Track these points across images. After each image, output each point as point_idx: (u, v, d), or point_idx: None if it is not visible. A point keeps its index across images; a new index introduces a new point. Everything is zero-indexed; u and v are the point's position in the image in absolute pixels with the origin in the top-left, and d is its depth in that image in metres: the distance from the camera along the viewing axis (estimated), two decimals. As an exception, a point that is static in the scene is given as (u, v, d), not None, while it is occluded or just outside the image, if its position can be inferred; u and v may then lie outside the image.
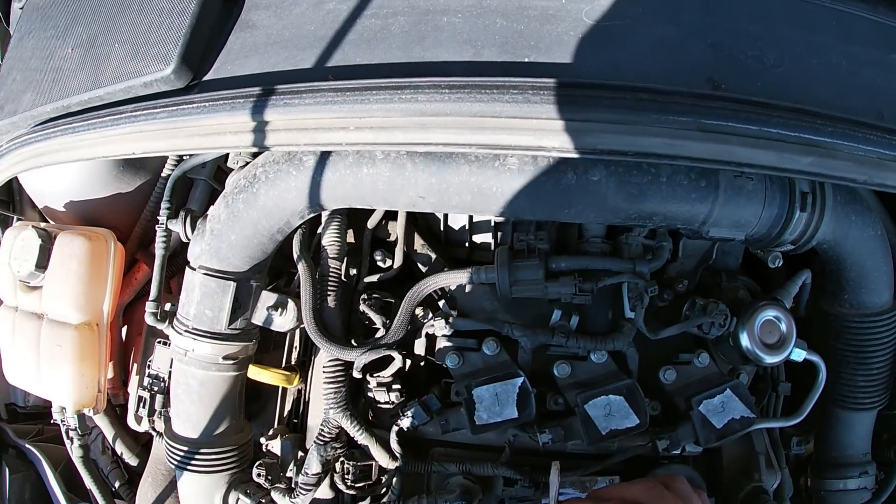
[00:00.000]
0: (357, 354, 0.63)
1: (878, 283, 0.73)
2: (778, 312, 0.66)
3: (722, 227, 0.60)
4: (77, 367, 0.82)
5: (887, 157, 0.53)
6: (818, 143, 0.51)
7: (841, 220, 0.65)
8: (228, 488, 0.72)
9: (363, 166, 0.60)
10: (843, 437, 0.82)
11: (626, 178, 0.56)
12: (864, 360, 0.76)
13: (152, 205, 0.90)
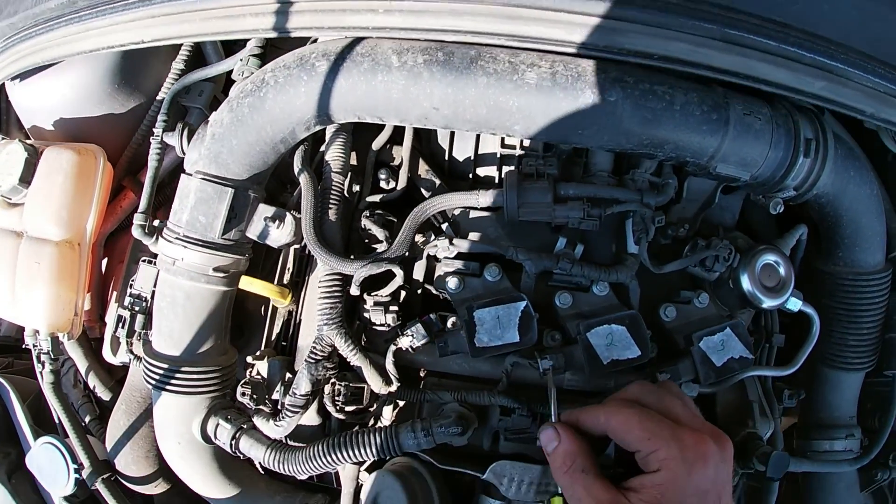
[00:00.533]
0: (357, 267, 0.60)
1: (871, 243, 0.73)
2: (777, 257, 0.66)
3: (729, 163, 0.59)
4: (54, 287, 0.77)
5: (893, 91, 0.53)
6: (831, 67, 0.52)
7: (840, 174, 0.65)
8: (208, 413, 0.67)
9: (378, 73, 0.58)
10: (830, 397, 0.82)
11: (642, 102, 0.55)
12: (856, 319, 0.77)
13: (144, 129, 0.86)
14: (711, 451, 0.47)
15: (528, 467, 0.59)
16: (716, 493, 0.48)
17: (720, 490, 0.48)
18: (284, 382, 0.64)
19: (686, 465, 0.46)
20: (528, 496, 0.60)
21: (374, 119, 0.62)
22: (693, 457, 0.47)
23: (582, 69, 0.55)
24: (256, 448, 0.64)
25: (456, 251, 0.65)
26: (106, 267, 0.93)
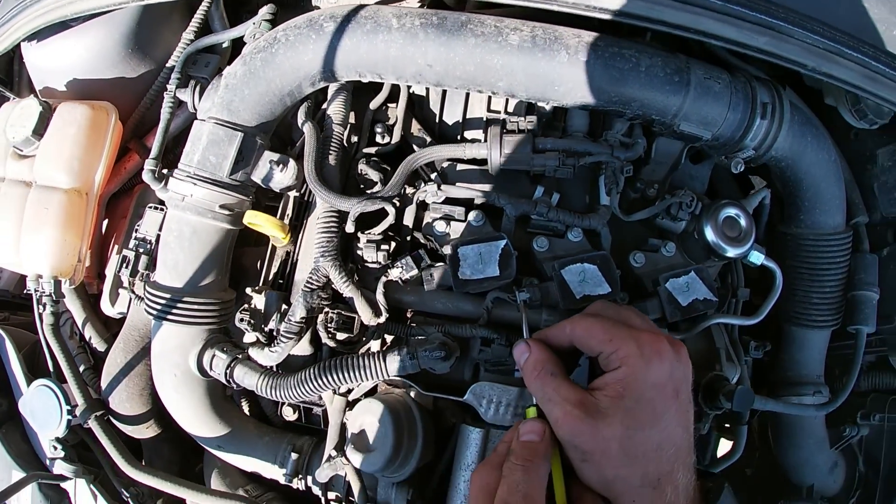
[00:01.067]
0: (353, 203, 0.68)
1: (831, 205, 0.83)
2: (738, 210, 0.75)
3: (691, 121, 0.70)
4: (61, 232, 0.84)
5: (832, 48, 0.64)
6: (773, 25, 0.62)
7: (797, 138, 0.75)
8: (205, 345, 0.74)
9: (379, 33, 0.67)
10: (798, 355, 0.91)
11: (611, 62, 0.65)
12: (818, 278, 0.85)
13: (153, 93, 0.95)
14: (666, 349, 0.54)
15: (505, 388, 0.67)
16: (673, 386, 0.54)
17: (677, 385, 0.55)
18: (280, 312, 0.71)
19: (644, 361, 0.53)
20: (505, 418, 0.67)
21: (373, 77, 0.72)
22: (650, 353, 0.54)
23: (559, 33, 0.66)
24: (250, 376, 0.71)
25: (444, 196, 0.74)
26: (106, 228, 0.99)
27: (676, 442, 0.54)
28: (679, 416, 0.55)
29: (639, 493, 0.53)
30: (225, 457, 0.82)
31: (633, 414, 0.53)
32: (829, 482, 0.98)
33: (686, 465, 0.55)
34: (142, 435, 0.86)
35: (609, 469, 0.54)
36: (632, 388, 0.53)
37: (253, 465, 0.82)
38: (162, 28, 0.91)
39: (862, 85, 0.70)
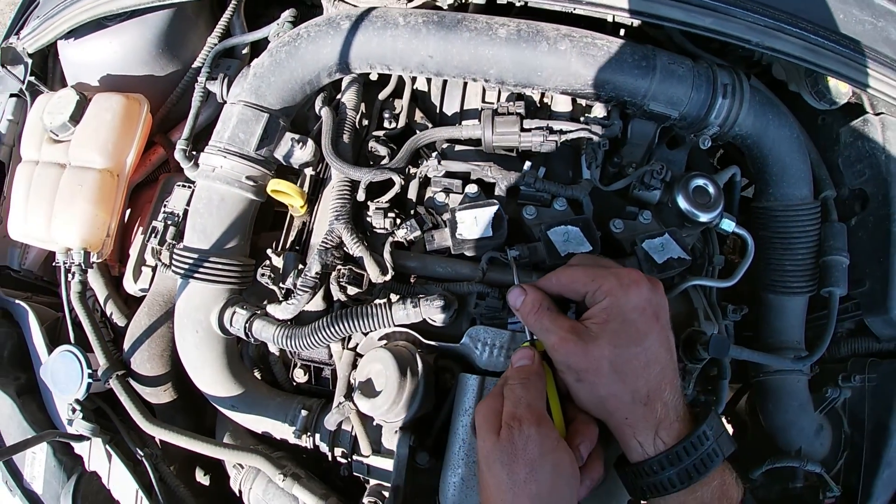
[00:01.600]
0: (364, 172, 0.81)
1: (797, 178, 0.94)
2: (706, 180, 0.87)
3: (659, 101, 0.83)
4: (93, 207, 0.96)
5: (772, 24, 0.79)
6: (716, 7, 0.77)
7: (759, 116, 0.88)
8: (227, 303, 0.85)
9: (388, 29, 0.82)
10: (776, 322, 1.00)
11: (585, 50, 0.80)
12: (790, 246, 0.96)
13: (179, 91, 1.09)
14: (641, 278, 0.64)
15: (499, 332, 0.77)
16: (652, 310, 0.63)
17: (656, 309, 0.64)
18: (297, 270, 0.82)
19: (623, 289, 0.63)
20: (499, 361, 0.77)
21: (382, 68, 0.86)
22: (628, 282, 0.63)
23: (540, 27, 0.80)
24: (268, 329, 0.81)
25: (443, 171, 0.87)
26: (129, 215, 1.11)
27: (662, 361, 0.63)
28: (661, 337, 0.63)
29: (630, 409, 0.61)
30: (237, 417, 0.91)
31: (620, 334, 0.62)
32: (816, 445, 1.06)
33: (673, 384, 0.63)
34: (158, 399, 0.95)
35: (601, 387, 0.62)
36: (616, 313, 0.62)
37: (264, 426, 0.90)
38: (189, 32, 1.06)
39: (804, 56, 0.84)
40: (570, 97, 0.89)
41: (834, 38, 0.87)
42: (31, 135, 1.04)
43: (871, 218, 0.99)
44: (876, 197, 0.98)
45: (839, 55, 0.86)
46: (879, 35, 0.94)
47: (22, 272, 1.14)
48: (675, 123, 0.88)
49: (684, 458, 0.61)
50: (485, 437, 0.63)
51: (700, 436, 0.61)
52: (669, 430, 0.62)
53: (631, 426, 0.63)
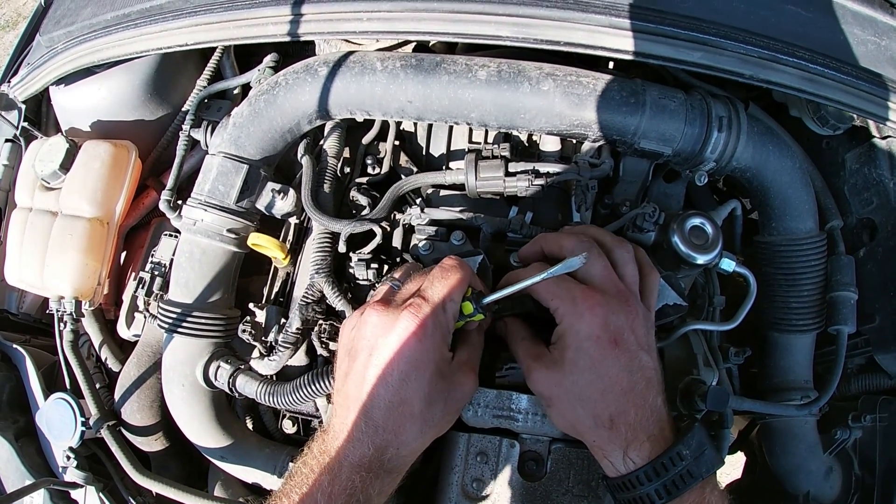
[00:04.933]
0: (344, 225, 0.81)
1: (801, 211, 0.90)
2: (703, 219, 0.83)
3: (651, 139, 0.80)
4: (83, 256, 0.98)
5: (766, 55, 0.76)
6: (705, 40, 0.74)
7: (758, 148, 0.84)
8: (211, 357, 0.86)
9: (366, 75, 0.81)
10: (782, 361, 0.96)
11: (570, 89, 0.78)
12: (795, 282, 0.92)
13: (169, 135, 1.10)
14: (598, 302, 0.63)
15: (483, 391, 0.75)
16: (608, 336, 0.63)
17: (615, 335, 0.63)
18: (279, 325, 0.83)
19: (577, 316, 0.63)
20: (483, 419, 0.75)
21: (362, 114, 0.86)
22: (582, 309, 0.63)
23: (522, 67, 0.79)
24: (251, 385, 0.82)
25: (427, 218, 0.86)
26: (124, 259, 1.14)
27: (622, 385, 0.63)
28: (620, 362, 0.63)
29: (596, 433, 0.64)
30: (227, 468, 0.92)
31: (575, 363, 0.63)
32: (826, 488, 1.02)
33: (638, 404, 0.63)
34: (150, 447, 0.97)
35: (566, 412, 0.65)
36: (571, 340, 0.64)
37: (253, 476, 0.91)
38: (178, 75, 1.07)
39: (803, 87, 0.80)
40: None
41: (834, 65, 0.82)
42: (24, 182, 1.07)
43: (880, 249, 0.94)
44: (885, 227, 0.93)
45: (841, 83, 0.82)
46: (883, 55, 0.90)
47: (20, 315, 1.18)
48: (670, 160, 0.86)
49: (654, 478, 0.60)
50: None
51: (673, 456, 0.61)
52: (639, 450, 0.62)
53: (600, 447, 0.64)
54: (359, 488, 0.60)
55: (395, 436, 0.62)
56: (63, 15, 1.04)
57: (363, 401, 0.62)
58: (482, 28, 0.72)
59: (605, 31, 0.73)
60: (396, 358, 0.61)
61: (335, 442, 0.62)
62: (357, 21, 0.75)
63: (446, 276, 0.66)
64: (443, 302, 0.64)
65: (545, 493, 0.76)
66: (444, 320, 0.64)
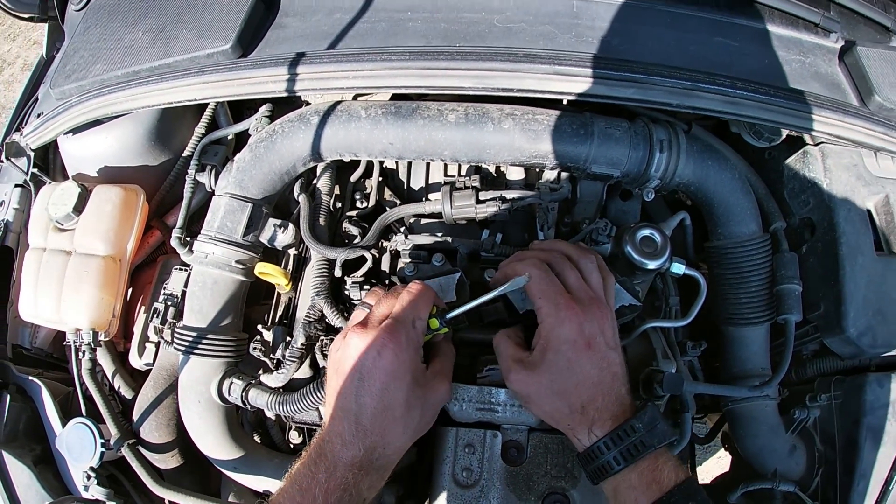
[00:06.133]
0: (339, 252, 1.00)
1: (743, 216, 1.08)
2: (652, 230, 1.01)
3: (600, 164, 1.01)
4: (98, 291, 1.15)
5: (690, 86, 0.97)
6: (636, 78, 0.96)
7: (699, 164, 1.03)
8: (224, 375, 1.04)
9: (352, 122, 1.02)
10: (739, 352, 1.14)
11: (527, 126, 0.99)
12: (743, 280, 1.10)
13: (171, 178, 1.29)
14: (575, 311, 0.79)
15: (466, 388, 0.93)
16: (584, 340, 0.78)
17: (588, 339, 0.78)
18: (285, 342, 1.01)
19: (558, 321, 0.79)
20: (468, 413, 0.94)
21: (350, 155, 1.06)
22: (563, 315, 0.79)
23: (486, 110, 1.00)
24: (262, 397, 1.00)
25: (411, 244, 1.06)
26: (131, 295, 1.31)
27: (593, 379, 0.79)
28: (592, 361, 0.79)
29: (570, 418, 0.80)
30: (239, 478, 1.09)
31: (553, 364, 0.79)
32: (791, 465, 1.18)
33: (605, 393, 0.79)
34: (167, 464, 1.13)
35: (544, 405, 0.81)
36: (552, 343, 0.80)
37: (264, 485, 1.08)
38: (178, 124, 1.27)
39: (725, 110, 1.00)
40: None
41: (753, 87, 1.02)
42: (37, 224, 1.25)
43: (819, 244, 1.12)
44: (822, 224, 1.11)
45: (760, 103, 1.01)
46: (808, 71, 1.13)
47: (33, 350, 1.34)
48: (620, 180, 1.07)
49: (612, 447, 0.76)
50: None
51: (626, 428, 0.77)
52: (602, 426, 0.78)
53: (571, 429, 0.81)
54: (351, 484, 0.74)
55: (382, 437, 0.77)
56: (73, 70, 1.22)
57: (353, 410, 0.77)
58: (448, 81, 0.93)
59: (550, 78, 0.94)
60: (378, 371, 0.77)
61: (330, 445, 0.76)
62: (345, 79, 0.95)
63: (413, 297, 0.84)
64: (412, 320, 0.82)
65: (527, 475, 0.94)
66: (414, 336, 0.81)
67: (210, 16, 1.06)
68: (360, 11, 1.01)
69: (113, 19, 1.20)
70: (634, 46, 1.01)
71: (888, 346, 1.08)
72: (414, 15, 1.00)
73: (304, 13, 1.05)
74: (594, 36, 1.00)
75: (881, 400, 1.14)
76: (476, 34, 0.98)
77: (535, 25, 0.99)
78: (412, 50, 0.95)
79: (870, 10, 1.21)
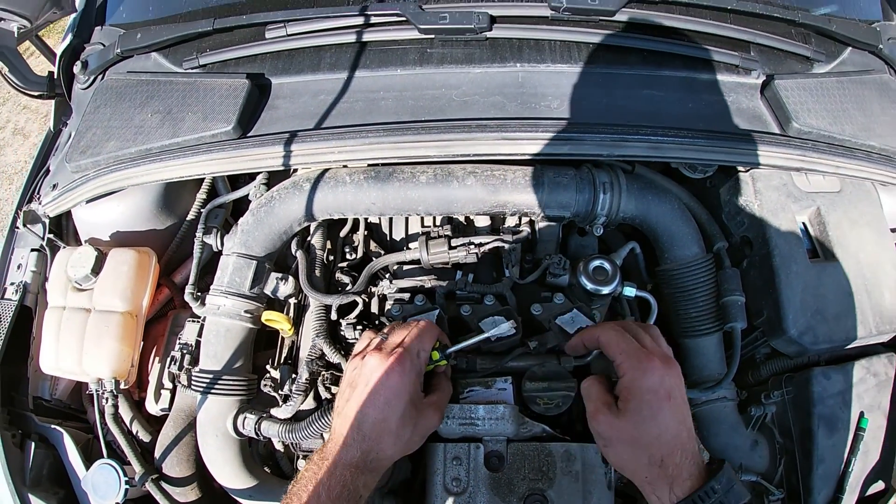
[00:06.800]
0: (334, 298, 1.22)
1: (685, 241, 1.26)
2: (602, 260, 1.25)
3: (552, 208, 1.24)
4: (118, 343, 1.35)
5: (617, 138, 1.17)
6: (570, 137, 1.19)
7: (640, 200, 1.22)
8: (238, 411, 1.24)
9: (339, 187, 1.25)
10: (695, 361, 1.29)
11: (487, 181, 1.22)
12: (691, 297, 1.27)
13: (178, 240, 1.51)
14: (655, 364, 0.86)
15: (449, 406, 1.16)
16: (665, 391, 0.84)
17: (669, 389, 0.85)
18: (291, 379, 1.22)
19: (640, 372, 0.85)
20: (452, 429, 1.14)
21: (339, 215, 1.29)
22: (644, 367, 0.85)
23: (451, 169, 1.23)
24: (273, 427, 1.20)
25: (395, 287, 1.28)
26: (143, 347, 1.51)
27: (672, 431, 0.84)
28: (672, 412, 0.84)
29: (648, 470, 0.84)
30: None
31: (636, 412, 0.84)
32: (755, 458, 1.31)
33: (684, 448, 0.84)
34: (187, 497, 1.32)
35: (623, 452, 0.86)
36: (635, 393, 0.86)
37: (276, 510, 1.27)
38: (182, 191, 1.49)
39: (649, 154, 1.18)
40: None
41: (673, 132, 1.20)
42: (56, 284, 1.44)
43: (756, 257, 1.28)
44: (757, 240, 1.28)
45: (680, 144, 1.19)
46: (730, 108, 1.28)
47: (53, 402, 1.52)
48: (572, 219, 1.31)
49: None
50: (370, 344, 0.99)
51: (707, 490, 0.80)
52: (682, 486, 0.82)
53: (650, 484, 0.85)
54: (349, 481, 0.87)
55: (377, 444, 0.89)
56: (88, 146, 1.41)
57: (356, 416, 0.90)
58: (416, 151, 1.17)
59: (499, 143, 1.18)
60: (384, 388, 0.91)
61: (333, 448, 0.89)
62: (331, 153, 1.19)
63: (420, 332, 0.98)
64: (417, 350, 0.97)
65: (508, 480, 1.13)
66: (417, 363, 0.96)
67: (212, 99, 1.29)
68: (340, 93, 1.25)
69: (122, 100, 1.41)
70: (571, 107, 1.24)
71: (830, 342, 1.23)
72: (386, 94, 1.25)
73: (293, 95, 1.29)
74: (536, 102, 1.24)
75: (828, 391, 1.27)
76: (437, 108, 1.22)
77: (486, 97, 1.24)
78: (385, 127, 1.18)
79: (788, 45, 1.39)
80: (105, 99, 1.44)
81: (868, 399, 1.30)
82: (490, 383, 1.19)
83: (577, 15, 1.26)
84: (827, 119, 1.31)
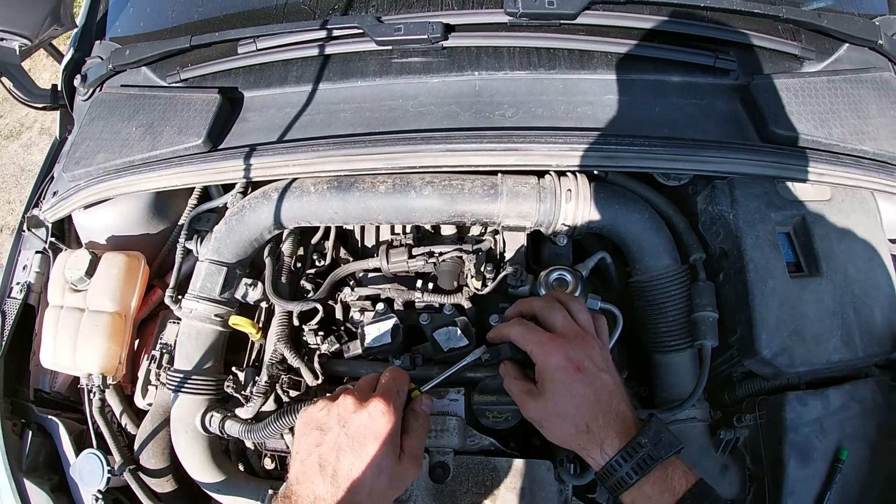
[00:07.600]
0: (295, 305, 1.33)
1: (656, 252, 1.25)
2: (564, 272, 1.29)
3: (512, 218, 1.30)
4: (107, 342, 1.51)
5: (566, 147, 1.19)
6: (516, 148, 1.20)
7: (606, 209, 1.23)
8: (207, 409, 1.37)
9: (304, 196, 1.36)
10: (667, 378, 1.29)
11: (444, 191, 1.29)
12: (661, 311, 1.26)
13: (170, 244, 1.66)
14: (558, 342, 0.95)
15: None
16: (572, 366, 0.93)
17: (577, 363, 0.94)
18: (253, 381, 1.34)
19: (545, 355, 0.95)
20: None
21: (305, 223, 1.40)
22: (548, 350, 0.95)
23: (410, 179, 1.31)
24: (235, 427, 1.32)
25: (357, 295, 1.38)
26: (138, 345, 1.68)
27: (591, 398, 0.93)
28: (585, 383, 0.94)
29: (578, 439, 0.94)
30: (222, 499, 1.41)
31: (553, 391, 0.94)
32: (724, 484, 1.29)
33: (605, 411, 0.93)
34: (163, 488, 1.47)
35: (554, 428, 0.96)
36: (546, 374, 0.95)
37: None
38: (174, 198, 1.64)
39: (602, 164, 1.20)
40: (452, 223, 1.40)
41: (628, 140, 1.20)
42: (55, 285, 1.62)
43: (732, 271, 1.24)
44: (732, 252, 1.23)
45: (637, 153, 1.19)
46: (702, 113, 1.28)
47: (52, 394, 1.72)
48: (534, 229, 1.36)
49: (624, 462, 0.90)
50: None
51: (634, 445, 0.90)
52: (612, 444, 0.92)
53: (583, 449, 0.95)
54: None
55: (351, 495, 0.87)
56: (81, 157, 1.58)
57: (332, 464, 0.89)
58: (364, 164, 1.26)
59: (444, 155, 1.23)
60: (363, 430, 0.91)
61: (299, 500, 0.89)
62: (286, 167, 1.30)
63: (394, 376, 1.01)
64: (397, 391, 0.98)
65: (451, 492, 1.21)
66: (399, 402, 0.96)
67: (187, 113, 1.42)
68: (304, 105, 1.36)
69: (112, 113, 1.57)
70: (526, 115, 1.29)
71: (808, 365, 1.17)
72: (346, 106, 1.35)
73: (262, 108, 1.41)
74: (491, 111, 1.27)
75: (803, 417, 1.21)
76: (392, 119, 1.30)
77: (441, 107, 1.29)
78: (336, 140, 1.28)
79: (773, 43, 1.36)
80: (99, 112, 1.60)
81: (850, 428, 1.23)
82: (443, 393, 1.27)
83: (535, 20, 1.31)
84: (811, 122, 1.27)
